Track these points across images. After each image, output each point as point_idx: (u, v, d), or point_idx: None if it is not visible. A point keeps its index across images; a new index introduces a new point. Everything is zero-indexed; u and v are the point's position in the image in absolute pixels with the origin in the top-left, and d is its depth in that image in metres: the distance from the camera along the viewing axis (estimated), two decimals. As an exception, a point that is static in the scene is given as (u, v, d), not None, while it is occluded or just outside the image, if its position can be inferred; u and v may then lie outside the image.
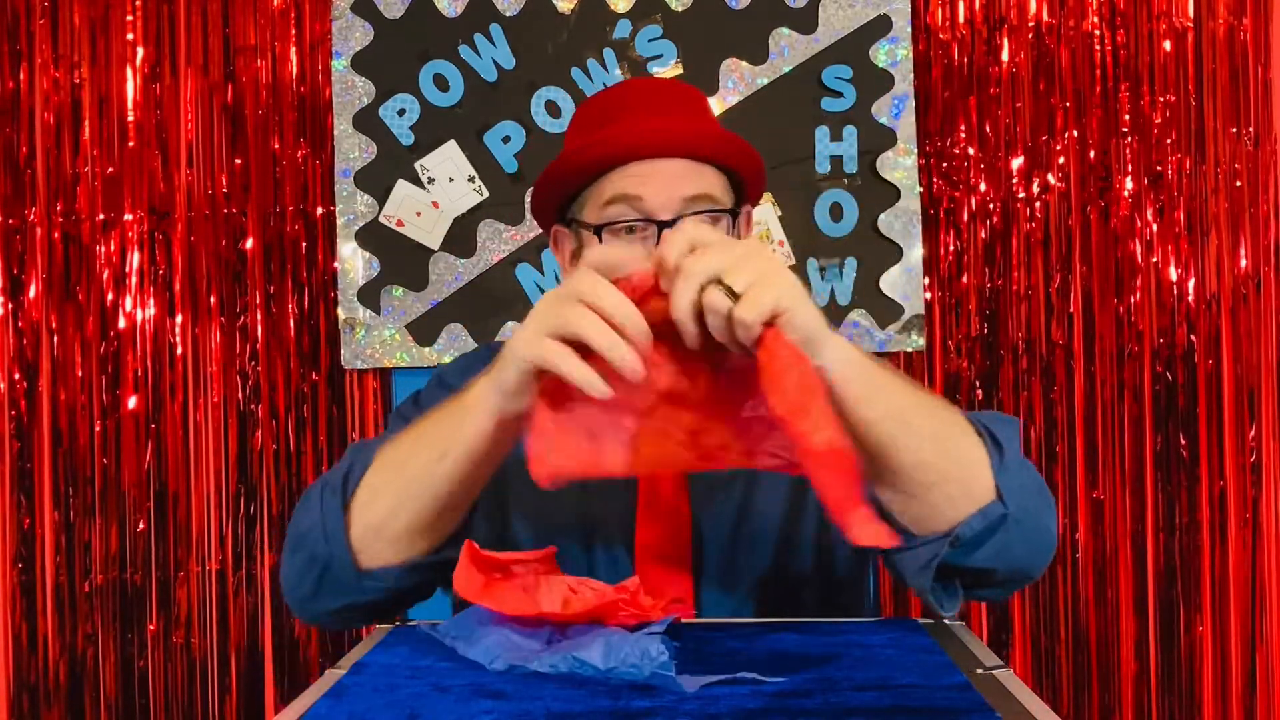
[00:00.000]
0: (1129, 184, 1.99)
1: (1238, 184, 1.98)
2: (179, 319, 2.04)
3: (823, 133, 1.96)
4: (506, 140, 1.98)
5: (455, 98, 1.98)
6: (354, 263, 1.99)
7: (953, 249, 2.01)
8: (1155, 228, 1.99)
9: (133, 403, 2.05)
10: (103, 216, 2.05)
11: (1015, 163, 2.00)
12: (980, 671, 0.76)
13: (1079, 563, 2.00)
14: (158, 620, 2.05)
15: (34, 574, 2.05)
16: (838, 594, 1.09)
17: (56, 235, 2.05)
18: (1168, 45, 1.99)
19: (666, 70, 1.98)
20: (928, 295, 1.99)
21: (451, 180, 1.98)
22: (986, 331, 2.01)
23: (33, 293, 2.05)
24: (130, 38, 2.05)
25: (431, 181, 1.99)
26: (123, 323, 2.05)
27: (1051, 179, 2.00)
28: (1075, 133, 2.00)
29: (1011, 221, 2.01)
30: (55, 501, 2.05)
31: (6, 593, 2.05)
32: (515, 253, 1.98)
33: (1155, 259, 1.99)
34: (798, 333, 0.73)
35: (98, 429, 2.05)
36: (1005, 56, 2.01)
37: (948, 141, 2.01)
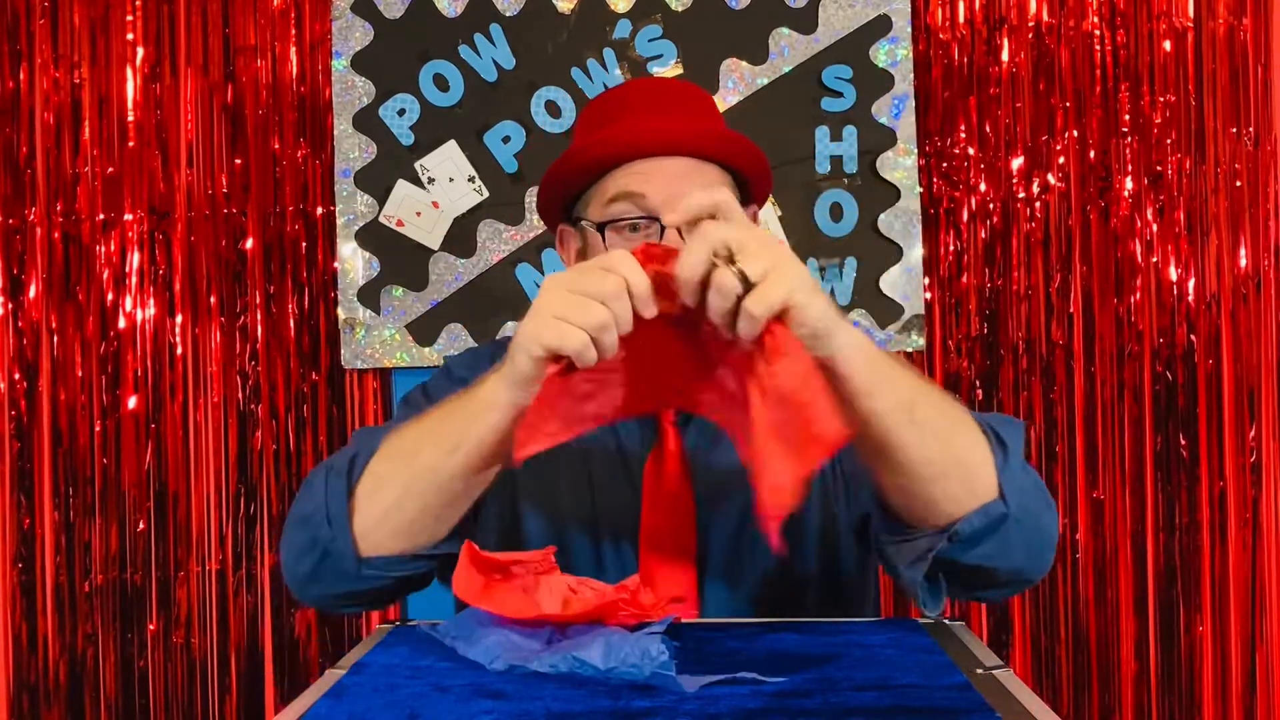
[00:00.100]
0: (1129, 184, 1.99)
1: (1238, 184, 1.98)
2: (179, 319, 2.04)
3: (823, 133, 1.96)
4: (506, 140, 1.98)
5: (455, 98, 1.98)
6: (354, 263, 1.99)
7: (953, 249, 2.01)
8: (1155, 228, 1.99)
9: (133, 403, 2.05)
10: (103, 216, 2.05)
11: (1015, 163, 2.00)
12: (980, 671, 0.76)
13: (1079, 563, 2.00)
14: (158, 620, 2.05)
15: (34, 574, 2.05)
16: (842, 592, 1.09)
17: (56, 235, 2.05)
18: (1168, 45, 1.99)
19: (666, 70, 1.98)
20: (928, 295, 1.99)
21: (451, 180, 1.98)
22: (986, 331, 2.01)
23: (33, 293, 2.05)
24: (130, 38, 2.05)
25: (431, 181, 1.99)
26: (123, 323, 2.05)
27: (1051, 179, 2.00)
28: (1075, 133, 1.99)
29: (1011, 221, 2.01)
30: (55, 501, 2.05)
31: (6, 593, 2.05)
32: (515, 253, 1.98)
33: (1155, 259, 1.99)
34: (806, 328, 0.73)
35: (98, 429, 2.05)
36: (1005, 56, 2.01)
37: (948, 141, 2.00)
